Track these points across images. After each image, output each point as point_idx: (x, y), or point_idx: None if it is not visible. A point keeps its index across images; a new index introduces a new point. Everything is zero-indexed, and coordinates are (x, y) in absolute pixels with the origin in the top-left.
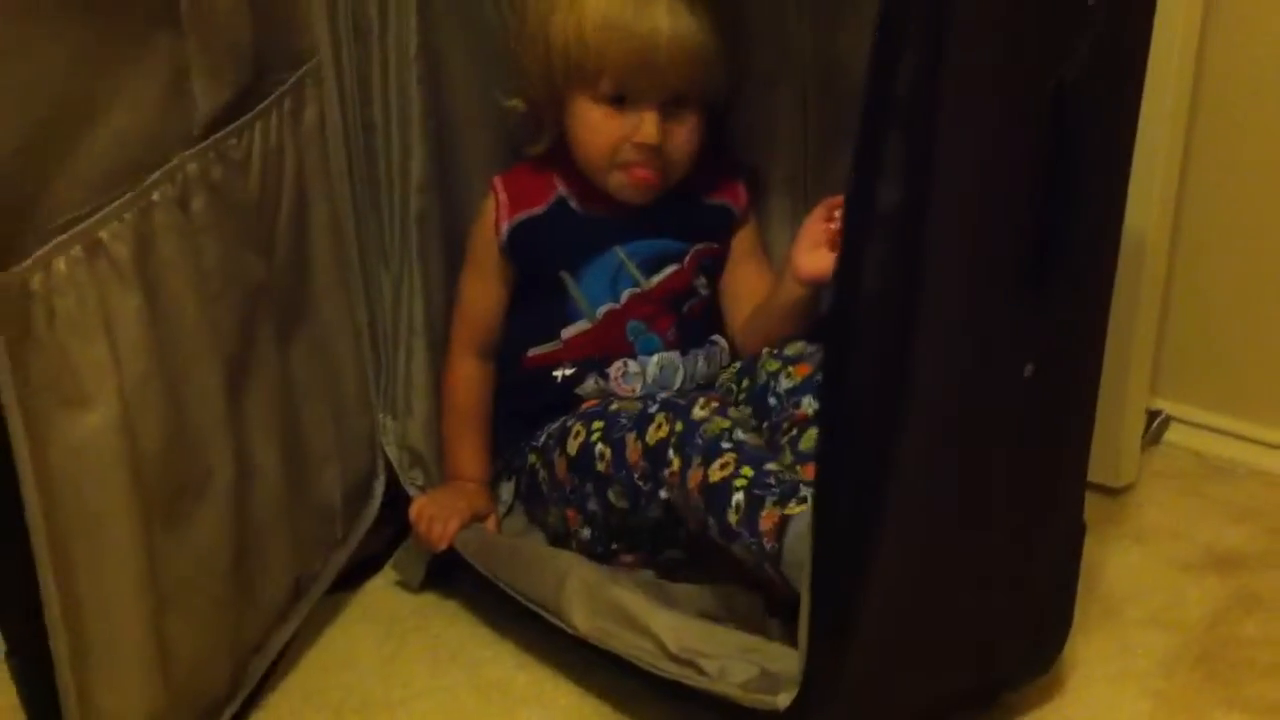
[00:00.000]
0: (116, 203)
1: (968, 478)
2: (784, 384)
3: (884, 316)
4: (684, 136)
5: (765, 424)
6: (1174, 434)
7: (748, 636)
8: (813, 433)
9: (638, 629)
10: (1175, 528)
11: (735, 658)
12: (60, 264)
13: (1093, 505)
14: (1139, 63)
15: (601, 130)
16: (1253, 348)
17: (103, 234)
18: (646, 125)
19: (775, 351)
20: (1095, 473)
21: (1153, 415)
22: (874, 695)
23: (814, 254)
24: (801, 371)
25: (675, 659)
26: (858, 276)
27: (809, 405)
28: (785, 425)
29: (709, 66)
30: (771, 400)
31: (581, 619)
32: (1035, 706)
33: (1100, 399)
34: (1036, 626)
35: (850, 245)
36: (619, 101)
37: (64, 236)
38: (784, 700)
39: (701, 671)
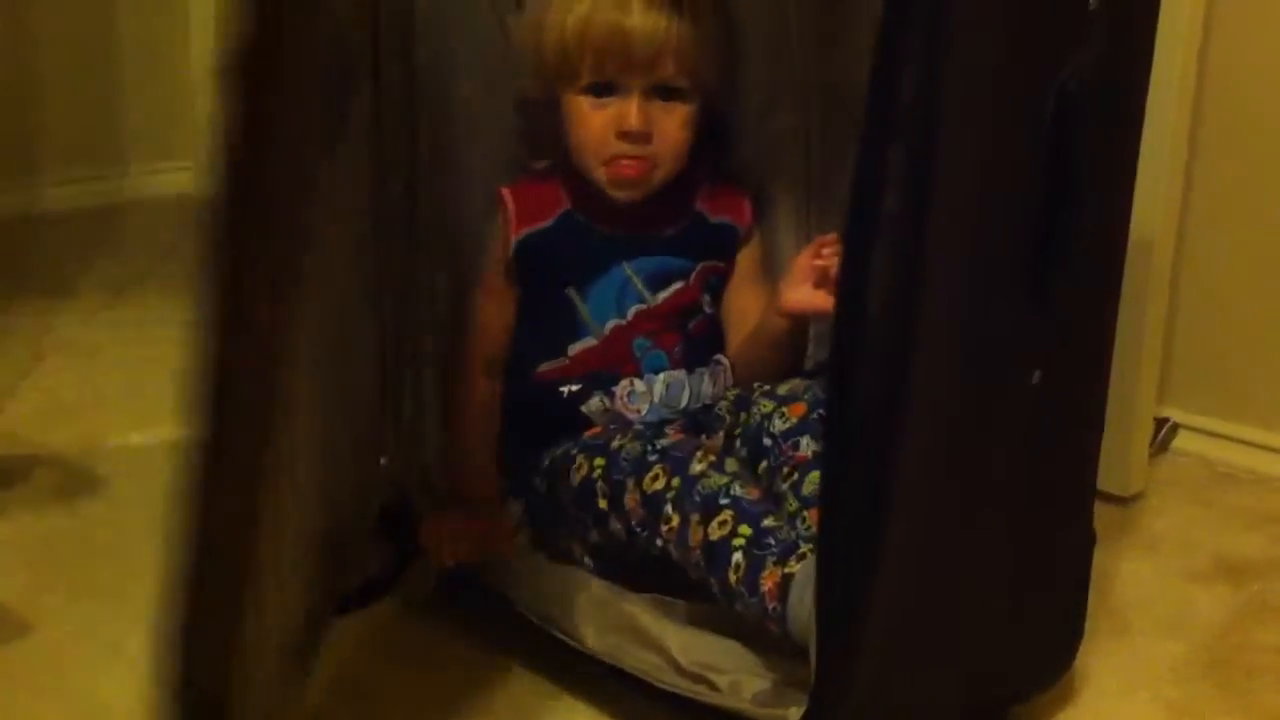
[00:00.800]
0: None
1: (971, 482)
2: (778, 425)
3: (887, 318)
4: (673, 127)
5: (763, 465)
6: (1182, 441)
7: (759, 650)
8: (815, 475)
9: (649, 645)
10: (1185, 536)
11: (746, 672)
12: None
13: (1101, 514)
14: (1142, 68)
15: (590, 122)
16: (1260, 354)
17: None
18: (629, 112)
19: (768, 390)
20: (1104, 482)
21: (1160, 423)
22: (883, 705)
23: (798, 289)
24: (796, 412)
25: (687, 674)
26: (863, 280)
27: (808, 447)
28: (785, 469)
29: (692, 56)
30: (766, 441)
31: (592, 635)
32: (1047, 717)
33: (1108, 407)
34: (1047, 636)
35: (854, 251)
36: (605, 92)
37: None
38: (795, 714)
39: (713, 686)
